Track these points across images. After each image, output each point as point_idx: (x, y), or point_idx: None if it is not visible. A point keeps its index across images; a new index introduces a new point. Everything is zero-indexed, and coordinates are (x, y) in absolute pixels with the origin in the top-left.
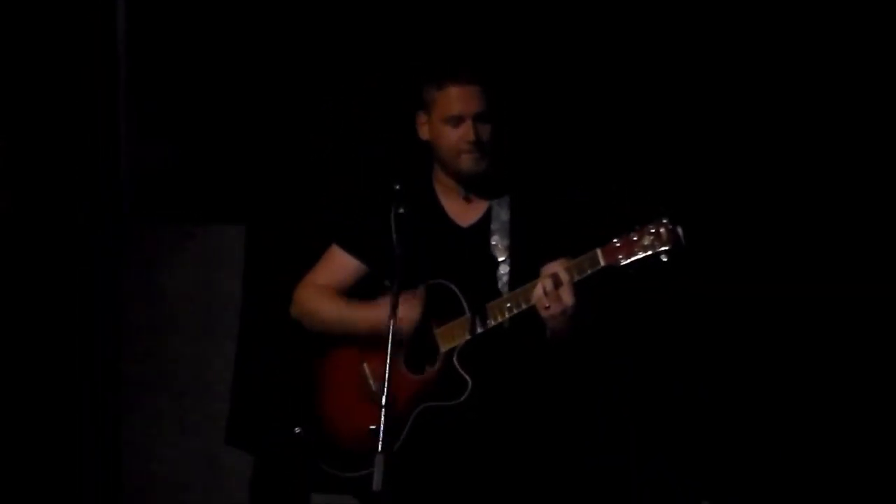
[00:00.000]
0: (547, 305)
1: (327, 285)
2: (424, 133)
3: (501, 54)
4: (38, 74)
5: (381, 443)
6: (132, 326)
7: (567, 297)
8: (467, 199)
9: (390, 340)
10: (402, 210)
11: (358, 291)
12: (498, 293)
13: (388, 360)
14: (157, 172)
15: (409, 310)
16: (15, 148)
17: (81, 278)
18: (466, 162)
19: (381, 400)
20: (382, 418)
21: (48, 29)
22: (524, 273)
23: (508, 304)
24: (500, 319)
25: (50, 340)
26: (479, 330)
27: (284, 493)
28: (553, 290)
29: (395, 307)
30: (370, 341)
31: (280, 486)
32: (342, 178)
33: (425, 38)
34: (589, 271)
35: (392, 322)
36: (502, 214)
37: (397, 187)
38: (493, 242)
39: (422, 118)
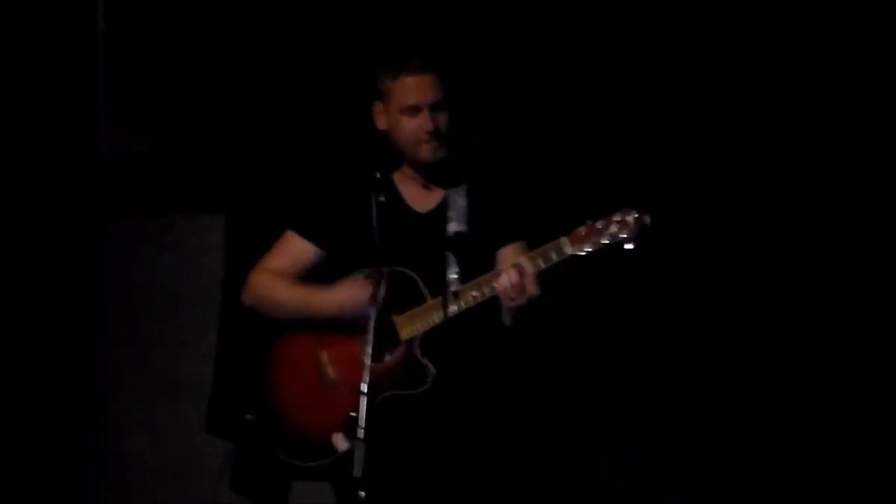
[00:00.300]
0: (513, 297)
1: (282, 270)
2: (382, 123)
3: (456, 43)
4: (15, 67)
5: (361, 430)
6: (113, 315)
7: (532, 287)
8: (425, 187)
9: (372, 326)
10: (382, 198)
11: (312, 278)
12: (454, 281)
13: (369, 348)
14: (135, 164)
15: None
16: None
17: (63, 269)
18: (425, 151)
19: (360, 387)
20: (363, 406)
21: (27, 20)
22: (480, 260)
23: (474, 293)
24: (463, 307)
25: (32, 332)
26: (442, 318)
27: (264, 479)
28: (518, 281)
29: (377, 293)
30: (327, 328)
31: (260, 473)
32: (317, 167)
33: (381, 26)
34: (555, 259)
35: (374, 308)
36: (459, 201)
37: (378, 175)
38: (450, 229)
39: (378, 108)
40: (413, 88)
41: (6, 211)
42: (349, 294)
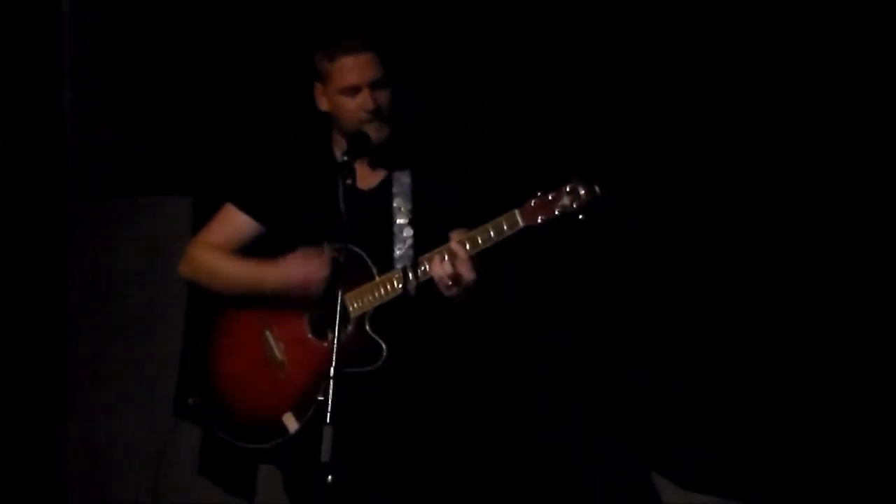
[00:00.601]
0: (448, 284)
1: (220, 243)
2: (323, 104)
3: (396, 20)
4: None
5: (328, 414)
6: (82, 299)
7: (467, 273)
8: (370, 166)
9: (339, 307)
10: (349, 181)
11: (250, 253)
12: (401, 257)
13: (336, 328)
14: (100, 149)
15: (319, 269)
16: None
17: (31, 252)
18: (369, 131)
19: (329, 367)
20: (331, 388)
21: None
22: (429, 235)
23: (422, 268)
24: (414, 283)
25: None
26: (391, 294)
27: (231, 462)
28: (451, 269)
29: (341, 273)
30: (270, 304)
31: (227, 456)
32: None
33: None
34: (507, 232)
35: (341, 291)
36: (403, 178)
37: (345, 159)
38: (395, 205)
39: (318, 89)
40: (352, 68)
41: None
42: (296, 270)
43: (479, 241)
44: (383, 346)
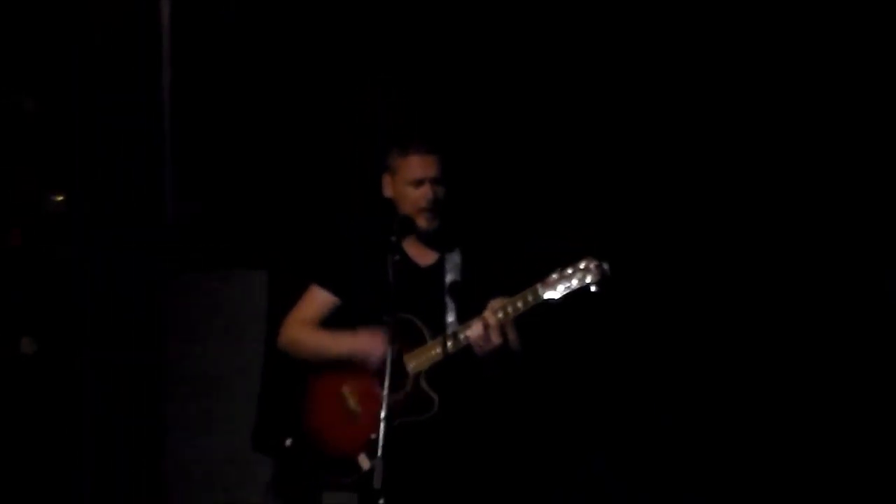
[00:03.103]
0: (480, 345)
1: (308, 319)
2: (388, 192)
3: (453, 130)
4: (98, 150)
5: (380, 449)
6: (175, 355)
7: (496, 337)
8: (426, 247)
9: (389, 362)
10: (397, 257)
11: (333, 324)
12: (451, 324)
13: (387, 380)
14: (192, 228)
15: (378, 346)
16: (78, 202)
17: (138, 314)
18: (423, 220)
19: (379, 415)
20: (382, 429)
21: (109, 109)
22: (473, 305)
23: (464, 334)
24: (457, 346)
25: (113, 363)
26: (441, 356)
27: (300, 491)
28: (482, 332)
29: (395, 335)
30: (348, 367)
31: (296, 485)
32: (340, 230)
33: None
34: (532, 302)
35: (392, 348)
36: (454, 258)
37: (393, 239)
38: (447, 280)
39: (387, 179)
40: (419, 165)
41: (92, 269)
42: (361, 344)
43: (510, 311)
44: (435, 398)
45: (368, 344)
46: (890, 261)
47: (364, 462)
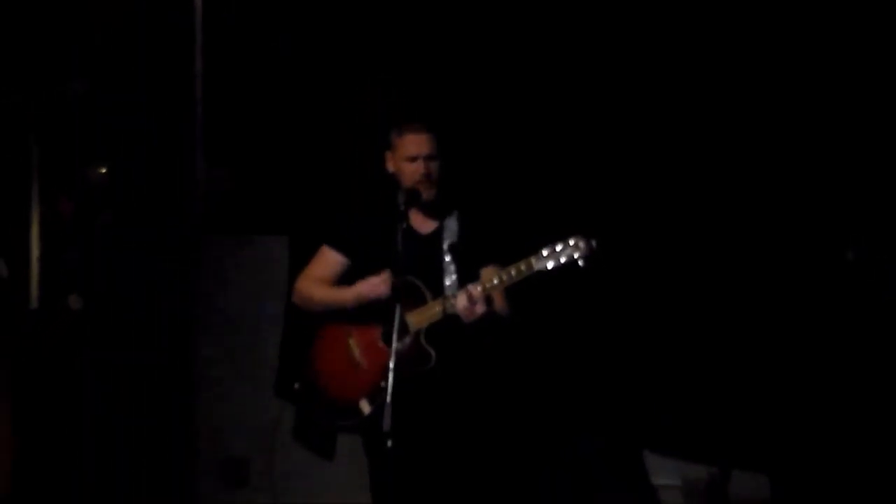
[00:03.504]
0: (467, 315)
1: (319, 277)
2: (390, 167)
3: (449, 108)
4: (140, 134)
5: (389, 395)
6: (208, 312)
7: (480, 307)
8: (426, 216)
9: (397, 318)
10: (405, 225)
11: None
12: (449, 286)
13: (394, 337)
14: (220, 194)
15: (381, 283)
16: (119, 177)
17: (169, 275)
18: (421, 189)
19: (389, 363)
20: (391, 377)
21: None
22: (469, 270)
23: (452, 302)
24: (452, 309)
25: (143, 321)
26: (439, 315)
27: (318, 432)
28: (467, 304)
29: (399, 294)
30: (353, 320)
31: (315, 428)
32: (352, 198)
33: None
34: (525, 273)
35: (399, 306)
36: (452, 225)
37: (401, 208)
38: (445, 246)
39: (388, 156)
40: (413, 143)
41: (128, 234)
42: (365, 286)
43: (505, 279)
44: (432, 354)
45: (371, 283)
46: (854, 238)
47: (365, 407)
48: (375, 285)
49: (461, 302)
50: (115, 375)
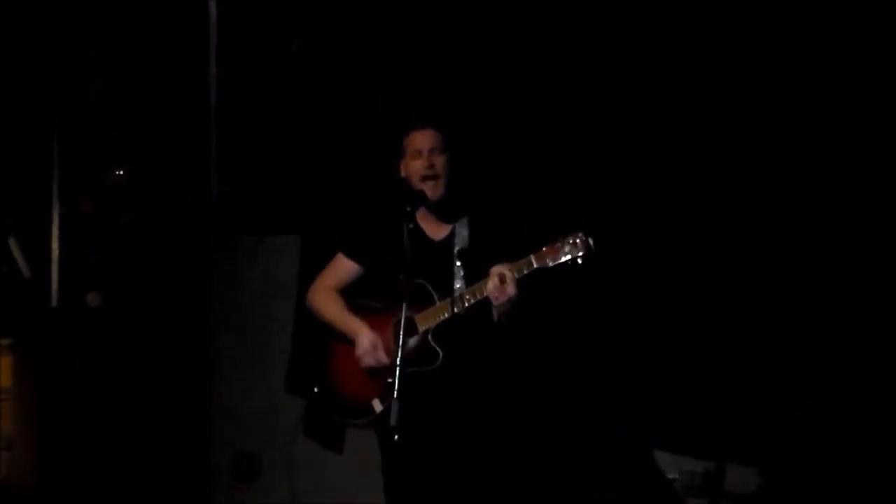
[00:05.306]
0: (497, 296)
1: (332, 286)
2: (402, 171)
3: (454, 106)
4: (157, 133)
5: (396, 392)
6: (221, 307)
7: (511, 289)
8: (438, 222)
9: (403, 320)
10: (411, 225)
11: (355, 287)
12: (459, 289)
13: (400, 337)
14: (233, 195)
15: (375, 349)
16: (138, 175)
17: (185, 271)
18: (428, 189)
19: (395, 364)
20: (397, 376)
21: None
22: (477, 273)
23: (468, 296)
24: (462, 307)
25: (163, 314)
26: (447, 316)
27: (327, 427)
28: (499, 284)
29: (407, 294)
30: (366, 320)
31: (323, 424)
32: (363, 203)
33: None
34: (525, 271)
35: (405, 306)
36: (462, 232)
37: (408, 209)
38: (455, 251)
39: (401, 162)
40: (418, 139)
41: (147, 231)
42: (362, 341)
43: (524, 271)
44: (440, 352)
45: (366, 345)
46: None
47: (377, 405)
48: (368, 350)
49: (493, 283)
50: (125, 373)
